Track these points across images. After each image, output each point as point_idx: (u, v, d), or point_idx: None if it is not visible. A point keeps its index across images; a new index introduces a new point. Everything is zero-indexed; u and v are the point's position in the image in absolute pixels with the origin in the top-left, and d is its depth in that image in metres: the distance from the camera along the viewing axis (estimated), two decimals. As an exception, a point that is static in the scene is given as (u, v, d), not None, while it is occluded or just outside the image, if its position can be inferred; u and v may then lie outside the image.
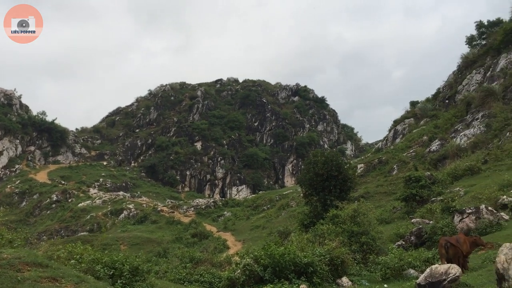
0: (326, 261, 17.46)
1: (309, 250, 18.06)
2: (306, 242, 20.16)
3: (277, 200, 68.32)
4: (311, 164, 32.01)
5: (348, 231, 22.93)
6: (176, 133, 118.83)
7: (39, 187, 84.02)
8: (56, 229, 68.94)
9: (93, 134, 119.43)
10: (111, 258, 16.15)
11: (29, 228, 72.49)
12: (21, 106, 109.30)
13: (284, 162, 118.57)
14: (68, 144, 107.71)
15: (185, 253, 25.12)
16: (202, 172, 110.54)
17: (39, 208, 77.94)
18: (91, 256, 16.12)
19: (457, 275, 12.67)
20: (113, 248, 51.84)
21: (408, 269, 17.77)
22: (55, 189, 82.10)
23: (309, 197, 31.99)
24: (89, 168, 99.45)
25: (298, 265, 16.55)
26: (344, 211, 25.48)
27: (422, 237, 24.61)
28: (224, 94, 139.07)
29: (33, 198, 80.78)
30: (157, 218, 66.98)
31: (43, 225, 71.99)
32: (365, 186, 51.44)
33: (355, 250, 21.09)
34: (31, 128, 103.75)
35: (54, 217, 73.43)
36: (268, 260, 16.62)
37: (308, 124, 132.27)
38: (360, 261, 20.43)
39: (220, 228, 60.47)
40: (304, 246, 18.94)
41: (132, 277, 15.90)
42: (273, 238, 36.26)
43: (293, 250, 16.95)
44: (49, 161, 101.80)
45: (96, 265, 15.50)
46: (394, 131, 69.24)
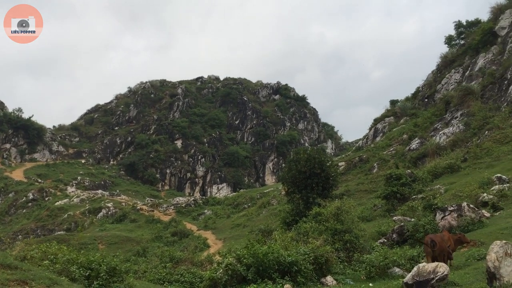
0: (310, 260, 17.12)
1: (293, 248, 17.69)
2: (289, 240, 19.80)
3: (258, 198, 67.99)
4: (293, 162, 31.73)
5: (331, 229, 22.66)
6: (156, 131, 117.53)
7: (15, 185, 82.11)
8: (32, 228, 67.36)
9: (71, 132, 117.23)
10: (87, 258, 15.52)
11: (4, 227, 70.90)
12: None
13: (265, 161, 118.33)
14: (45, 142, 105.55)
15: (165, 252, 24.56)
16: (183, 170, 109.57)
17: (15, 207, 76.12)
18: (66, 256, 15.48)
19: (445, 273, 12.42)
20: (91, 247, 50.88)
21: (393, 268, 17.53)
22: (32, 188, 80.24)
23: (291, 194, 31.70)
24: (66, 166, 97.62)
25: (282, 264, 16.16)
26: (327, 209, 25.23)
27: (404, 234, 24.52)
28: (205, 92, 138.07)
29: (8, 197, 78.88)
30: (136, 216, 66.02)
31: (19, 224, 70.31)
32: (346, 184, 51.46)
33: (339, 248, 20.82)
34: (6, 125, 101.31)
35: (30, 216, 71.77)
36: (251, 259, 16.19)
37: (289, 122, 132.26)
38: (344, 259, 20.16)
39: (201, 227, 59.93)
40: (288, 244, 18.58)
41: (110, 278, 15.29)
42: (254, 236, 35.88)
43: (276, 249, 16.55)
44: (25, 159, 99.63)
45: (71, 265, 14.85)
46: (375, 130, 69.47)
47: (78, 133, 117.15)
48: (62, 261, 15.26)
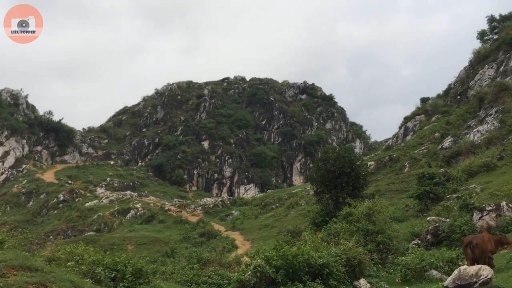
0: (343, 262, 16.43)
1: (323, 250, 17.03)
2: (320, 241, 19.11)
3: (286, 198, 67.31)
4: (322, 161, 30.98)
5: (363, 230, 21.93)
6: (183, 132, 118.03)
7: (46, 187, 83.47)
8: (63, 229, 68.33)
9: (100, 134, 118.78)
10: (113, 260, 15.18)
11: (36, 228, 72.09)
12: (27, 106, 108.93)
13: (292, 161, 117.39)
14: (75, 144, 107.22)
15: (192, 253, 24.15)
16: (210, 171, 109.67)
17: (46, 208, 77.36)
18: (92, 257, 15.18)
19: (489, 277, 11.60)
20: (120, 248, 51.22)
21: (430, 270, 16.67)
22: (62, 189, 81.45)
23: (321, 194, 30.96)
24: (96, 167, 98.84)
25: (313, 267, 15.50)
26: (358, 209, 24.46)
27: (439, 235, 23.56)
28: (231, 93, 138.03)
29: (40, 198, 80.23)
30: (164, 217, 66.21)
31: (50, 225, 71.42)
32: (376, 184, 50.36)
33: (371, 250, 20.04)
34: (37, 128, 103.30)
35: (61, 217, 72.84)
36: (280, 261, 15.58)
37: (316, 122, 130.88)
38: (378, 261, 19.35)
39: (228, 228, 59.62)
40: (318, 246, 17.91)
41: (135, 279, 14.91)
42: (283, 237, 35.24)
43: (307, 251, 15.90)
44: (56, 160, 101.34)
45: (97, 267, 14.53)
46: (405, 128, 67.92)
47: (106, 135, 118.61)
48: (88, 262, 14.98)
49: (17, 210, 78.16)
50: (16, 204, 79.53)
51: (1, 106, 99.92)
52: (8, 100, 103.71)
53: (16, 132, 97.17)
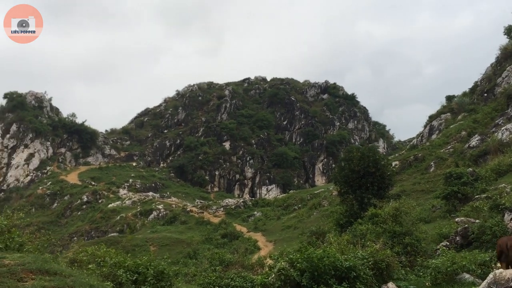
0: (370, 265, 15.80)
1: (350, 252, 16.44)
2: (345, 243, 18.52)
3: (308, 199, 66.67)
4: (346, 161, 30.32)
5: (389, 231, 21.27)
6: (204, 133, 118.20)
7: (70, 189, 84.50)
8: (86, 230, 69.00)
9: (122, 135, 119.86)
10: (135, 262, 14.92)
11: (60, 229, 73.02)
12: (51, 108, 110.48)
13: (314, 161, 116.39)
14: (98, 146, 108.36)
15: (214, 255, 23.78)
16: (231, 172, 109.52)
17: (70, 209, 78.28)
18: (113, 259, 14.94)
19: (528, 282, 10.89)
20: (143, 249, 51.39)
21: (462, 274, 15.96)
22: (86, 190, 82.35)
23: (345, 195, 30.29)
24: (118, 169, 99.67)
25: (339, 270, 14.94)
26: (384, 209, 23.79)
27: (469, 237, 22.71)
28: (252, 93, 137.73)
29: (64, 200, 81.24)
30: (186, 218, 66.28)
31: (74, 226, 72.22)
32: (401, 184, 49.38)
33: (399, 252, 19.37)
34: (61, 130, 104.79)
35: (85, 218, 73.59)
36: (305, 263, 15.07)
37: (338, 122, 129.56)
38: (406, 264, 18.69)
39: (251, 229, 59.33)
40: (344, 248, 17.32)
41: (157, 282, 14.63)
42: (306, 238, 34.69)
43: (332, 253, 15.35)
44: (79, 162, 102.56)
45: (118, 269, 14.28)
46: (430, 127, 66.54)
47: (129, 136, 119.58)
48: (109, 264, 14.75)
49: (41, 211, 79.30)
50: (41, 205, 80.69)
51: (26, 109, 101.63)
52: (32, 103, 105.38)
53: (40, 134, 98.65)
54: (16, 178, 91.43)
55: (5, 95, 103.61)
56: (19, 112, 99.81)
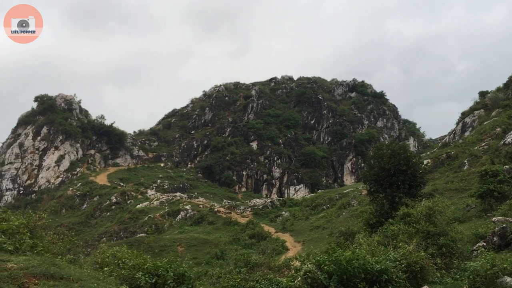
0: (403, 268, 14.82)
1: (381, 254, 15.47)
2: (376, 245, 17.53)
3: (337, 199, 65.46)
4: (375, 159, 29.18)
5: (423, 231, 20.20)
6: (231, 133, 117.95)
7: (99, 190, 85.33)
8: (115, 230, 69.38)
9: (150, 137, 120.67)
10: (154, 264, 14.32)
11: (90, 230, 73.75)
12: (80, 110, 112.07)
13: (342, 160, 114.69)
14: (126, 147, 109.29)
15: (239, 256, 23.06)
16: (259, 172, 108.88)
17: (100, 210, 78.98)
18: (132, 261, 14.39)
19: None
20: (171, 249, 51.21)
21: (503, 277, 14.77)
22: (114, 191, 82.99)
23: (375, 194, 29.17)
24: (147, 170, 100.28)
25: (370, 273, 14.01)
26: (417, 209, 22.68)
27: (507, 237, 21.40)
28: (278, 93, 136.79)
29: (93, 200, 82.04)
30: (214, 219, 65.93)
31: (103, 226, 72.77)
32: (433, 182, 47.83)
33: (434, 253, 18.28)
34: (90, 132, 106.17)
35: (114, 218, 74.08)
36: (333, 266, 14.20)
37: (367, 120, 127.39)
38: (441, 266, 17.58)
39: (279, 229, 58.56)
40: (375, 249, 16.34)
41: (178, 285, 14.00)
42: (335, 239, 33.75)
43: (362, 255, 14.43)
44: (108, 163, 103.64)
45: (137, 272, 13.71)
46: (463, 124, 64.44)
47: (156, 137, 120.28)
48: (128, 266, 14.20)
49: (72, 212, 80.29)
50: (71, 206, 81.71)
51: (56, 111, 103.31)
52: (62, 105, 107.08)
53: (70, 136, 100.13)
54: (47, 179, 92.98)
55: (36, 98, 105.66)
56: (49, 115, 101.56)
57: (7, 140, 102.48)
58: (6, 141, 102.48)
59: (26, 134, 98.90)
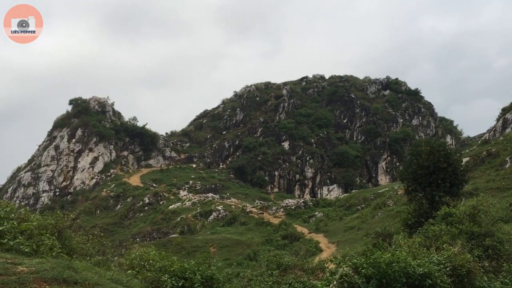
0: (447, 271, 13.68)
1: (423, 257, 14.36)
2: (417, 246, 16.39)
3: (372, 199, 63.90)
4: (413, 156, 27.81)
5: (466, 232, 18.89)
6: (262, 134, 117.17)
7: (133, 191, 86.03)
8: (148, 231, 69.67)
9: (182, 138, 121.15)
10: (181, 266, 13.65)
11: (123, 231, 74.33)
12: (113, 113, 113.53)
13: (377, 160, 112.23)
14: (159, 148, 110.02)
15: (271, 257, 22.21)
16: (291, 172, 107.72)
17: (133, 211, 79.56)
18: (158, 264, 13.76)
19: None
20: (203, 250, 50.90)
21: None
22: (147, 192, 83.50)
23: (413, 193, 27.78)
24: (179, 171, 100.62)
25: (411, 277, 12.95)
26: (459, 208, 21.34)
27: (558, 239, 19.87)
28: (310, 92, 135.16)
29: (127, 201, 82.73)
30: (246, 219, 65.41)
31: (137, 227, 73.21)
32: (473, 181, 45.77)
33: (479, 256, 16.98)
34: (123, 133, 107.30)
35: (147, 219, 74.45)
36: (371, 269, 13.20)
37: (401, 118, 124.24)
38: (489, 270, 16.29)
39: (312, 230, 57.57)
40: (416, 251, 15.22)
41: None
42: (370, 240, 32.48)
43: (403, 258, 13.38)
44: (141, 165, 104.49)
45: (163, 274, 13.07)
46: (503, 120, 61.83)
47: (188, 138, 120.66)
48: (154, 269, 13.59)
49: (106, 213, 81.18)
50: (105, 207, 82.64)
51: (90, 114, 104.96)
52: (96, 108, 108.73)
53: (104, 138, 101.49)
54: (82, 181, 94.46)
55: (71, 101, 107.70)
56: (83, 117, 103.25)
57: (44, 142, 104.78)
58: (42, 143, 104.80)
59: (61, 137, 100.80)
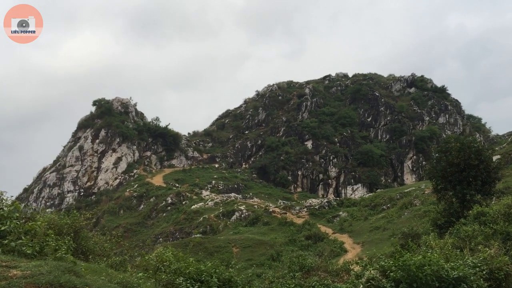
0: (484, 275, 12.63)
1: (457, 259, 13.32)
2: (450, 248, 15.32)
3: (398, 198, 62.37)
4: (442, 153, 26.54)
5: (501, 232, 17.70)
6: (285, 133, 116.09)
7: (155, 191, 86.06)
8: (171, 231, 69.45)
9: (204, 138, 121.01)
10: (197, 268, 12.92)
11: (146, 231, 74.35)
12: (136, 113, 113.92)
13: (402, 159, 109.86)
14: (181, 148, 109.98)
15: (293, 259, 21.35)
16: (314, 172, 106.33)
17: (156, 211, 79.52)
18: (172, 266, 13.05)
19: None
20: (225, 250, 50.33)
21: None
22: (170, 192, 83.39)
23: (442, 192, 26.53)
24: (201, 171, 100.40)
25: (445, 281, 11.94)
26: (493, 207, 20.13)
27: None
28: (333, 90, 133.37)
29: (150, 201, 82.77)
30: (269, 219, 64.62)
31: (160, 227, 73.10)
32: (504, 180, 43.98)
33: (517, 258, 15.81)
34: (146, 134, 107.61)
35: (169, 219, 74.27)
36: (400, 272, 12.25)
37: (427, 116, 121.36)
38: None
39: (336, 230, 56.49)
40: (449, 253, 14.17)
41: (223, 292, 12.54)
42: (397, 240, 31.37)
43: (435, 260, 12.38)
44: (164, 165, 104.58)
45: (178, 277, 12.35)
46: (535, 116, 59.54)
47: (210, 138, 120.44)
48: (169, 271, 12.89)
49: (129, 213, 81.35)
50: (129, 207, 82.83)
51: (113, 114, 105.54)
52: (119, 108, 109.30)
53: (127, 138, 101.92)
54: (106, 181, 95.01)
55: (94, 102, 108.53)
56: (106, 118, 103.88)
57: (68, 143, 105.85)
58: (67, 144, 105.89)
59: (85, 137, 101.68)
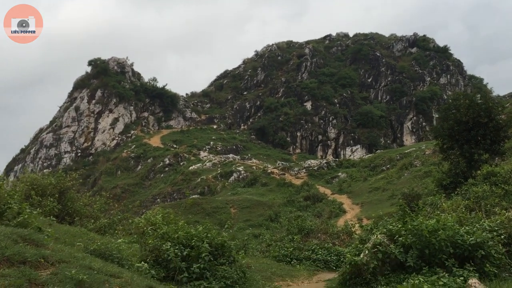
0: (502, 240, 11.52)
1: (473, 223, 12.17)
2: (464, 210, 14.19)
3: (397, 159, 61.51)
4: (450, 110, 25.20)
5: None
6: (284, 94, 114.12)
7: (153, 151, 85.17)
8: (169, 192, 68.99)
9: (202, 98, 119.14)
10: (187, 232, 11.75)
11: (144, 191, 73.91)
12: (133, 73, 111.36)
13: (402, 120, 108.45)
14: (179, 109, 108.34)
15: (292, 221, 20.35)
16: (314, 133, 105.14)
17: (153, 172, 78.83)
18: (160, 229, 11.90)
19: None
20: (223, 211, 49.87)
21: None
22: (168, 153, 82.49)
23: (449, 151, 25.34)
24: (199, 132, 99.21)
25: (460, 247, 10.83)
26: (503, 167, 18.97)
27: None
28: (333, 50, 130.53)
29: (147, 162, 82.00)
30: (267, 180, 64.00)
31: (157, 188, 72.58)
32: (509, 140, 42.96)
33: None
34: (143, 94, 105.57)
35: (167, 180, 73.68)
36: (411, 238, 11.14)
37: (428, 77, 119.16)
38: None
39: (335, 191, 55.88)
40: (463, 216, 13.03)
41: (215, 259, 11.43)
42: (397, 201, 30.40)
43: (450, 224, 11.23)
44: (162, 126, 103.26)
45: (165, 242, 11.22)
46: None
47: (209, 99, 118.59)
48: (156, 234, 11.74)
49: (127, 174, 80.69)
50: (126, 168, 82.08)
51: (109, 75, 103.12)
52: (115, 68, 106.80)
53: (124, 99, 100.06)
54: (103, 142, 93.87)
55: (90, 62, 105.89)
56: (103, 78, 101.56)
57: (64, 104, 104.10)
58: (63, 105, 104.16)
59: (81, 98, 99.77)
